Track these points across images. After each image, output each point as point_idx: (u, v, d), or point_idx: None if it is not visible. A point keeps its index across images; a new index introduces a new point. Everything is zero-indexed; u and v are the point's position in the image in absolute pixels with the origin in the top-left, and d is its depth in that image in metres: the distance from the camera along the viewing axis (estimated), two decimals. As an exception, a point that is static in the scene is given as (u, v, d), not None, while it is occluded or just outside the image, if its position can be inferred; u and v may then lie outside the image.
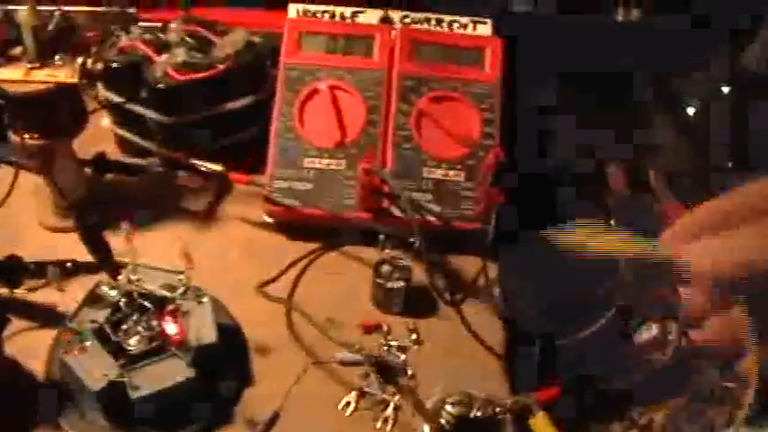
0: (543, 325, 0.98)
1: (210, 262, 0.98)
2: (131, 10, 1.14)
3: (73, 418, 0.85)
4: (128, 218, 0.84)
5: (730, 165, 1.04)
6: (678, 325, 1.03)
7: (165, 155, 1.02)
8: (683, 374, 1.01)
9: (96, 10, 1.11)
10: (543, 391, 0.76)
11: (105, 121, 1.08)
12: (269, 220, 1.03)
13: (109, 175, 1.05)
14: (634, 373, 1.05)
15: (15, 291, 0.92)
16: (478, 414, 0.74)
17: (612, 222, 1.02)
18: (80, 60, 0.89)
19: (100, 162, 1.02)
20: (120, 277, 0.87)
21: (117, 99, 1.02)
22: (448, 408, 0.74)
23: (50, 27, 0.88)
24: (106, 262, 0.81)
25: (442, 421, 0.74)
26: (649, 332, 1.07)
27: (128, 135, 1.07)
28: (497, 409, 0.75)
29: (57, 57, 0.89)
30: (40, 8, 0.91)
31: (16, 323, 0.90)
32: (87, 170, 1.03)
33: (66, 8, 0.94)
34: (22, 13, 0.90)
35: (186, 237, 1.01)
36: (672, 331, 1.04)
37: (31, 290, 0.93)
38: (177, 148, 1.03)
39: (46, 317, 0.92)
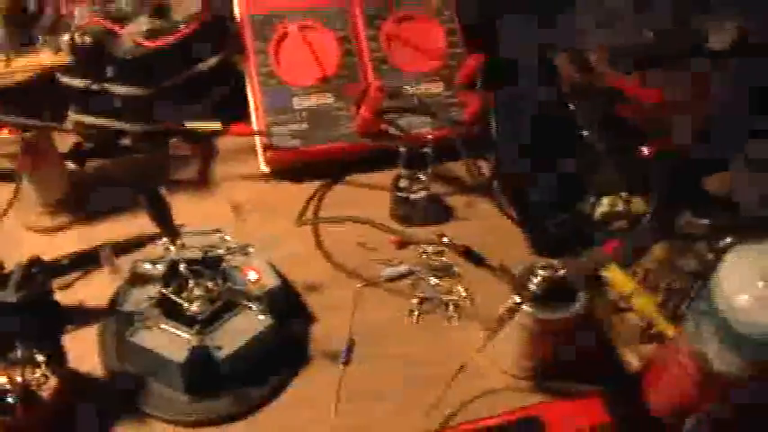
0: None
1: (227, 221, 0.97)
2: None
3: (154, 401, 0.82)
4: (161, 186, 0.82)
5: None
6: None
7: (150, 129, 0.98)
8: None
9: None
10: (609, 246, 0.85)
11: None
12: (267, 170, 1.03)
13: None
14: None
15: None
16: (562, 273, 0.79)
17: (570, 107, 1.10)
18: (66, 38, 0.84)
19: (80, 152, 0.97)
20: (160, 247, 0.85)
21: (84, 83, 0.96)
22: (539, 272, 0.78)
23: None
24: (171, 230, 0.79)
25: (533, 287, 0.79)
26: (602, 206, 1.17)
27: (97, 121, 1.01)
28: (577, 268, 0.80)
29: (41, 39, 0.83)
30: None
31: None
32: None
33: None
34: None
35: (188, 204, 1.00)
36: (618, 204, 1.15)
37: (61, 288, 0.88)
38: (152, 121, 1.00)
39: (81, 314, 0.89)
